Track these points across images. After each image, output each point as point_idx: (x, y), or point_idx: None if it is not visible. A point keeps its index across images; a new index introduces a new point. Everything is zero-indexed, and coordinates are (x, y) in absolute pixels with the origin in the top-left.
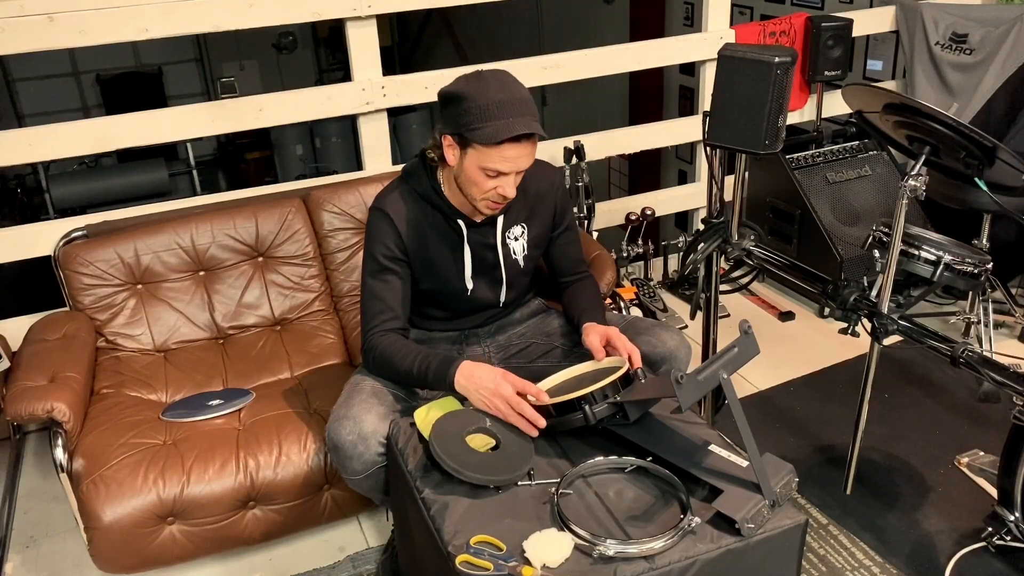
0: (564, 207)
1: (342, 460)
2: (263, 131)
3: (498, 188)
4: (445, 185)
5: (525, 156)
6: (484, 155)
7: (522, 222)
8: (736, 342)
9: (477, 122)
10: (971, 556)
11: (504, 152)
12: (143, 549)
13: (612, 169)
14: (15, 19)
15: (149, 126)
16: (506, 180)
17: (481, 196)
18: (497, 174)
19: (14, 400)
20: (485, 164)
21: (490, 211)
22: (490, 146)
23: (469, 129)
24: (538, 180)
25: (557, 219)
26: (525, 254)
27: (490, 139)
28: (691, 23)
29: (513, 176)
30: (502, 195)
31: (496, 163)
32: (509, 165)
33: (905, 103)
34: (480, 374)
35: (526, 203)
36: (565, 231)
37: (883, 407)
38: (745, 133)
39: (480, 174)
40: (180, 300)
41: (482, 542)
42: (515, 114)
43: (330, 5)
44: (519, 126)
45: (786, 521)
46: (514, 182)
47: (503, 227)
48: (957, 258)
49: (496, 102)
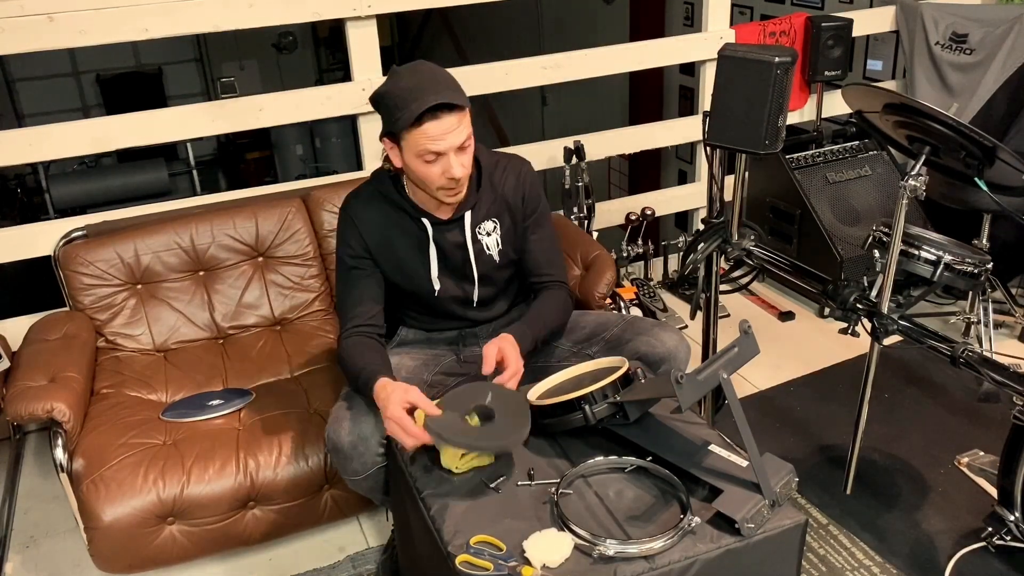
0: (533, 196)
1: (342, 461)
2: (263, 131)
3: (445, 172)
4: (409, 186)
5: (452, 131)
6: (412, 141)
7: (493, 217)
8: (736, 342)
9: (396, 113)
10: (971, 556)
11: (427, 131)
12: (143, 549)
13: (612, 169)
14: (15, 19)
15: (149, 126)
16: (446, 161)
17: (436, 186)
18: (434, 156)
19: (14, 400)
20: (417, 149)
21: (451, 199)
22: (411, 129)
23: (392, 122)
24: (507, 173)
25: (527, 209)
26: (500, 249)
27: (407, 122)
28: (691, 23)
29: (452, 155)
30: (451, 178)
31: (424, 143)
32: (438, 143)
33: (905, 103)
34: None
35: (495, 196)
36: (534, 224)
37: (883, 407)
38: (745, 133)
39: (419, 162)
40: (180, 300)
41: (482, 542)
42: (427, 92)
43: (330, 5)
44: (430, 99)
45: (786, 521)
46: (457, 162)
47: (472, 223)
48: (957, 258)
49: (407, 87)
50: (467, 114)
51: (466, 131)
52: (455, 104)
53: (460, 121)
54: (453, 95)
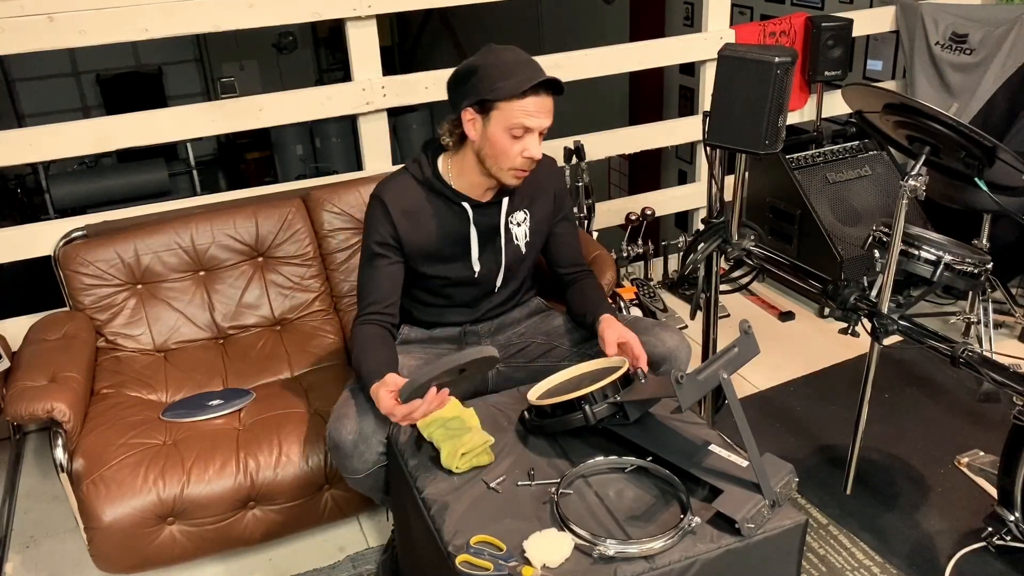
0: (563, 197)
1: (342, 459)
2: (263, 131)
3: (525, 151)
4: (452, 169)
5: (546, 112)
6: (508, 112)
7: (524, 208)
8: (736, 342)
9: (498, 81)
10: (971, 556)
11: (527, 105)
12: (143, 549)
13: (612, 169)
14: (15, 19)
15: (149, 126)
16: (532, 139)
17: (509, 165)
18: (523, 131)
19: (14, 400)
20: (511, 121)
21: (518, 180)
22: (514, 99)
23: (491, 90)
24: (539, 169)
25: (556, 207)
26: (527, 240)
27: (514, 91)
28: (691, 23)
29: (537, 135)
30: (530, 157)
31: (520, 117)
32: (533, 119)
33: (905, 103)
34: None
35: (528, 189)
36: (563, 221)
37: (883, 407)
38: (745, 133)
39: (506, 137)
40: (180, 300)
41: (482, 542)
42: (534, 68)
43: (330, 5)
44: (540, 75)
45: (786, 521)
46: (539, 142)
47: (507, 210)
48: (957, 258)
49: (511, 61)
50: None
51: (552, 117)
52: (559, 86)
53: (553, 105)
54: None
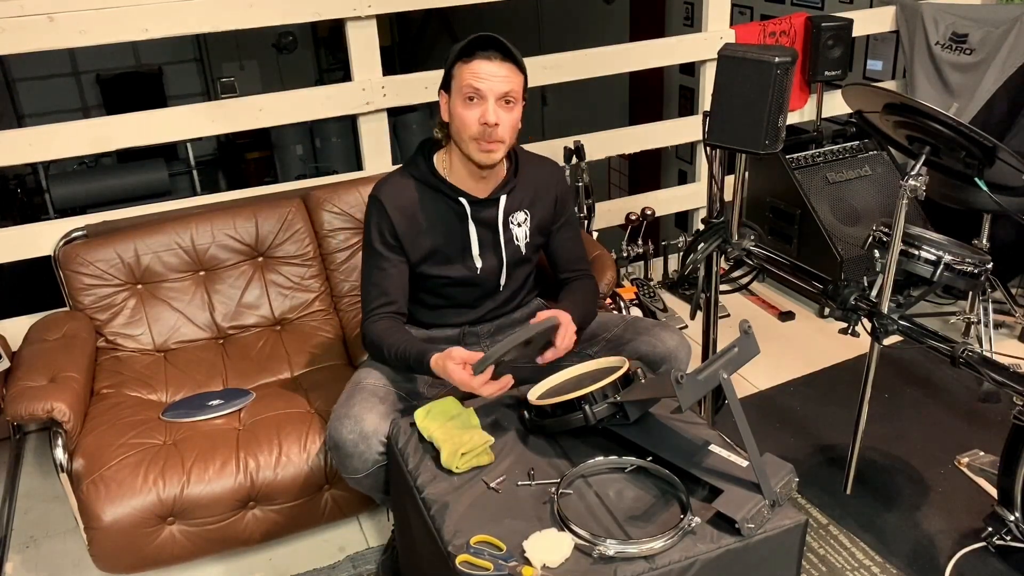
0: (565, 199)
1: (343, 459)
2: (263, 131)
3: (481, 117)
4: (447, 165)
5: (499, 77)
6: (459, 78)
7: (525, 208)
8: (736, 342)
9: (453, 56)
10: (971, 556)
11: (475, 67)
12: (143, 549)
13: (612, 169)
14: (15, 19)
15: (149, 126)
16: (485, 105)
17: (469, 134)
18: (475, 94)
19: (14, 400)
20: (461, 85)
21: (484, 153)
22: (462, 64)
23: (449, 65)
24: (540, 170)
25: (559, 210)
26: (527, 241)
27: (460, 55)
28: (691, 23)
29: (492, 101)
30: (486, 123)
31: (468, 79)
32: (482, 82)
33: (905, 103)
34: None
35: (529, 190)
36: (565, 224)
37: (883, 407)
38: (745, 133)
39: (462, 104)
40: (180, 300)
41: (482, 542)
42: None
43: (330, 5)
44: (485, 37)
45: (786, 521)
46: (495, 110)
47: (506, 209)
48: (957, 258)
49: (473, 37)
50: (520, 78)
51: (511, 85)
52: (510, 53)
53: (509, 73)
54: (511, 47)
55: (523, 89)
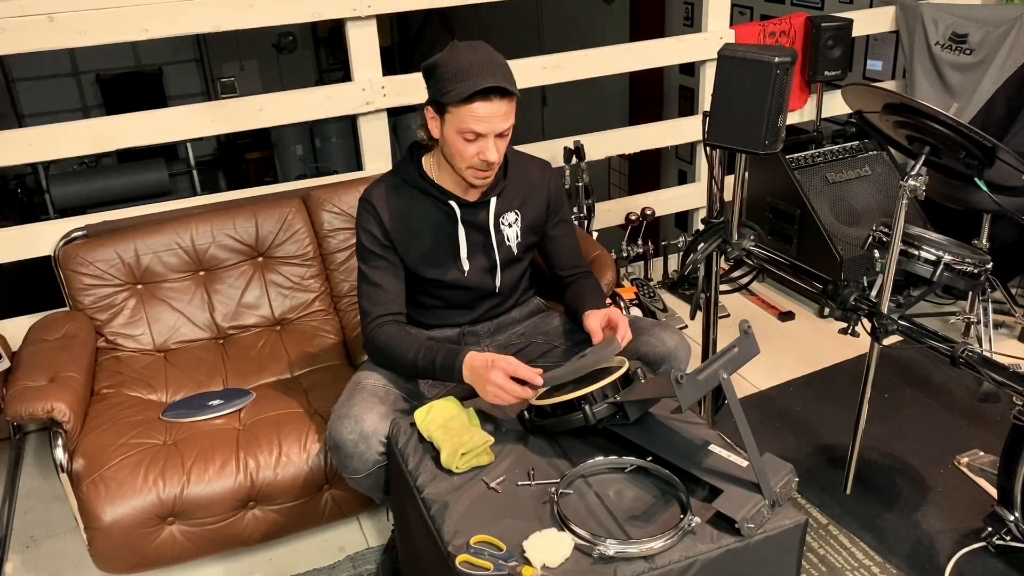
0: (558, 198)
1: (343, 459)
2: (263, 131)
3: (480, 154)
4: (435, 168)
5: (499, 116)
6: (458, 117)
7: (516, 208)
8: (736, 342)
9: (449, 85)
10: (971, 556)
11: (475, 111)
12: (143, 549)
13: (612, 169)
14: (15, 19)
15: (149, 126)
16: (485, 143)
17: (466, 165)
18: (475, 136)
19: (14, 400)
20: (460, 126)
21: (478, 180)
22: (461, 105)
23: (442, 93)
24: (530, 169)
25: (551, 209)
26: (519, 241)
27: (459, 97)
28: (691, 23)
29: (492, 139)
30: (485, 160)
31: (469, 123)
32: (483, 125)
33: (905, 103)
34: (476, 365)
35: (519, 190)
36: (560, 223)
37: (883, 407)
38: (745, 133)
39: (459, 139)
40: (180, 300)
41: (482, 542)
42: (485, 73)
43: (330, 5)
44: (487, 80)
45: (786, 521)
46: (494, 146)
47: (496, 210)
48: (957, 258)
49: (467, 64)
50: (515, 104)
51: (510, 120)
52: (508, 91)
53: (508, 108)
54: (508, 82)
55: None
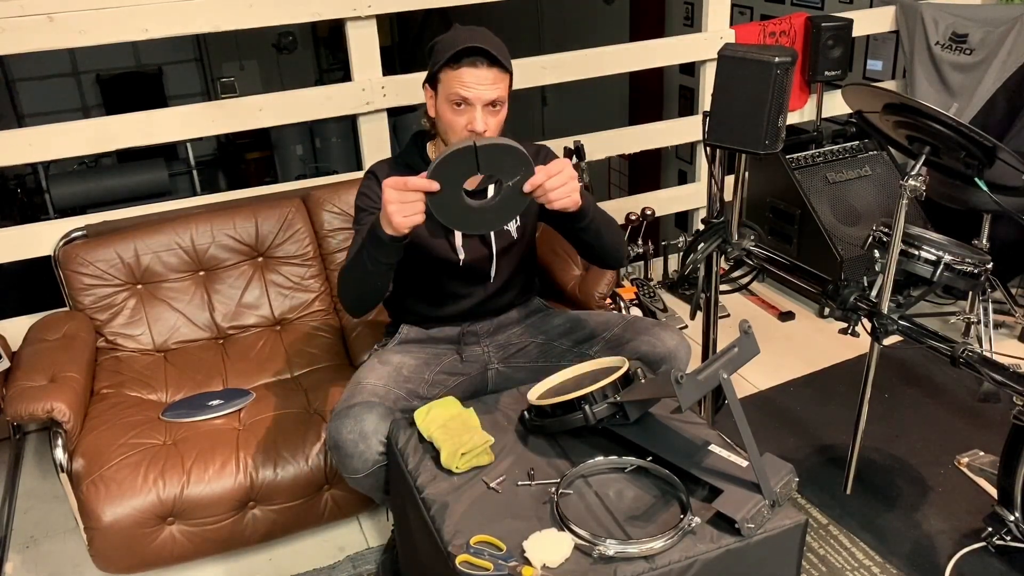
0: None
1: (343, 459)
2: (263, 131)
3: (469, 124)
4: (436, 153)
5: (486, 83)
6: (446, 83)
7: None
8: (736, 342)
9: (441, 56)
10: (971, 556)
11: (462, 75)
12: (143, 549)
13: (612, 169)
14: (15, 19)
15: (149, 126)
16: (472, 112)
17: (456, 138)
18: (462, 102)
19: (14, 400)
20: (449, 91)
21: None
22: (449, 71)
23: (435, 65)
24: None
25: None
26: (517, 224)
27: (446, 59)
28: (691, 23)
29: (479, 109)
30: (473, 131)
31: (455, 87)
32: (469, 91)
33: (905, 103)
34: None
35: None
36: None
37: (883, 407)
38: (745, 133)
39: (449, 110)
40: (180, 300)
41: (482, 542)
42: (473, 40)
43: (330, 5)
44: (475, 44)
45: (786, 521)
46: (482, 117)
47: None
48: (957, 258)
49: (461, 37)
50: (506, 79)
51: (499, 91)
52: (496, 59)
53: (496, 79)
54: (498, 52)
55: (509, 88)
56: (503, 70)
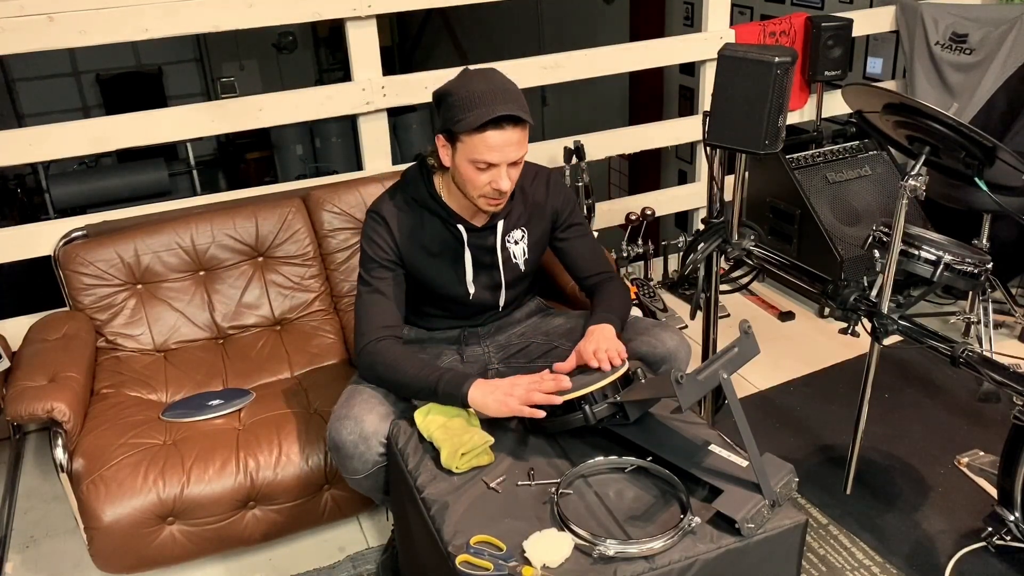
0: (565, 205)
1: (343, 460)
2: (263, 131)
3: (492, 183)
4: (444, 190)
5: (512, 145)
6: (470, 146)
7: (522, 226)
8: (736, 342)
9: (460, 113)
10: (971, 556)
11: (488, 140)
12: (143, 549)
13: (612, 169)
14: (15, 19)
15: (149, 126)
16: (497, 172)
17: (478, 193)
18: (487, 166)
19: (14, 400)
20: (473, 156)
21: (491, 207)
22: (473, 134)
23: (454, 122)
24: (535, 183)
25: (559, 218)
26: (526, 257)
27: (471, 126)
28: (691, 23)
29: (504, 168)
30: (497, 189)
31: (482, 153)
32: (495, 154)
33: (905, 103)
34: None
35: (525, 207)
36: (571, 227)
37: (883, 407)
38: (745, 133)
39: (471, 168)
40: (180, 300)
41: (482, 542)
42: (497, 101)
43: (330, 5)
44: (499, 109)
45: (786, 521)
46: (506, 174)
47: (503, 231)
48: (957, 258)
49: (479, 92)
50: (527, 131)
51: (524, 148)
52: (521, 119)
53: (521, 136)
54: (521, 110)
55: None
56: (526, 125)
